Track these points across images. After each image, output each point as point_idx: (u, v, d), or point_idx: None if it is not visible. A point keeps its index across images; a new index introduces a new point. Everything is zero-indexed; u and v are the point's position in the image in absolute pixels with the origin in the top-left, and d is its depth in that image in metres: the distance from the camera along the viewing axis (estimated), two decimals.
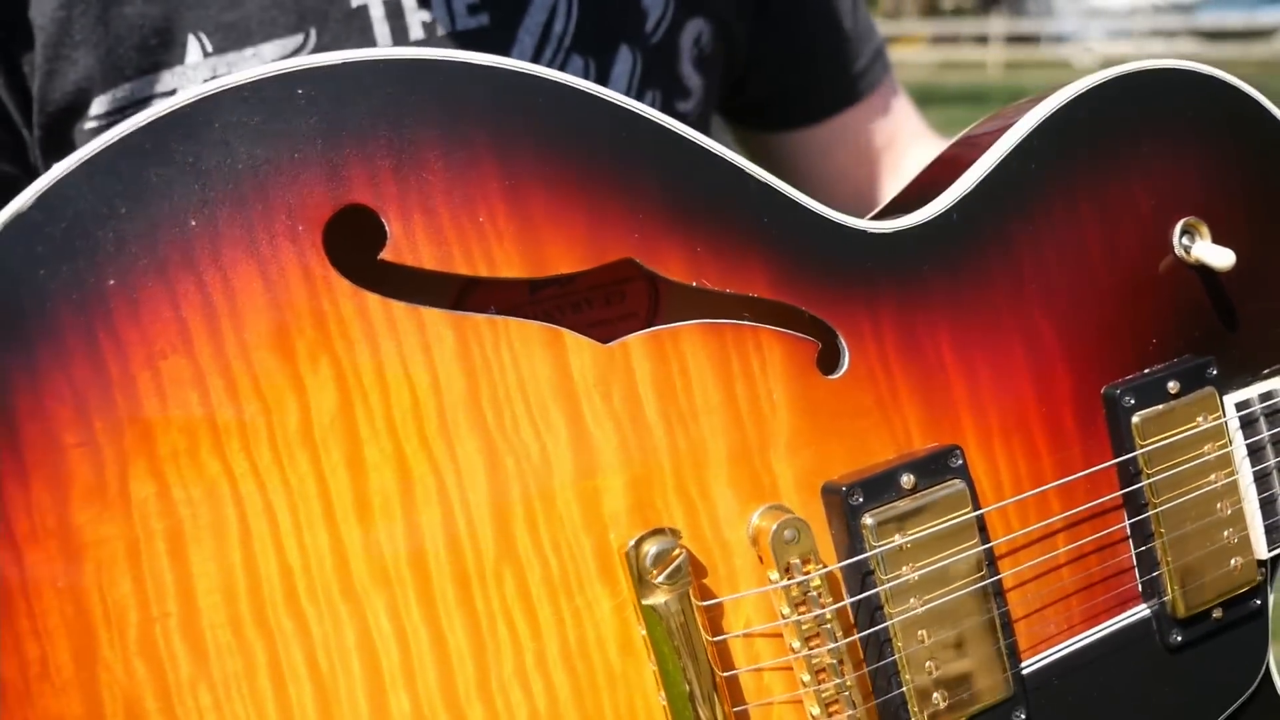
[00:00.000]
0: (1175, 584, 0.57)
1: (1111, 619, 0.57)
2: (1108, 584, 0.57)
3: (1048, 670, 0.56)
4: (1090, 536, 0.57)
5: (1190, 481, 0.58)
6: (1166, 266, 0.59)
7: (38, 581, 0.43)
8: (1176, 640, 0.58)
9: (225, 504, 0.45)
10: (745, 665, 0.50)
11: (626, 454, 0.50)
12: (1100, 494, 0.57)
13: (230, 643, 0.45)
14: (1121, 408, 0.57)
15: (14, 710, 0.42)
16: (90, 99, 0.68)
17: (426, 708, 0.47)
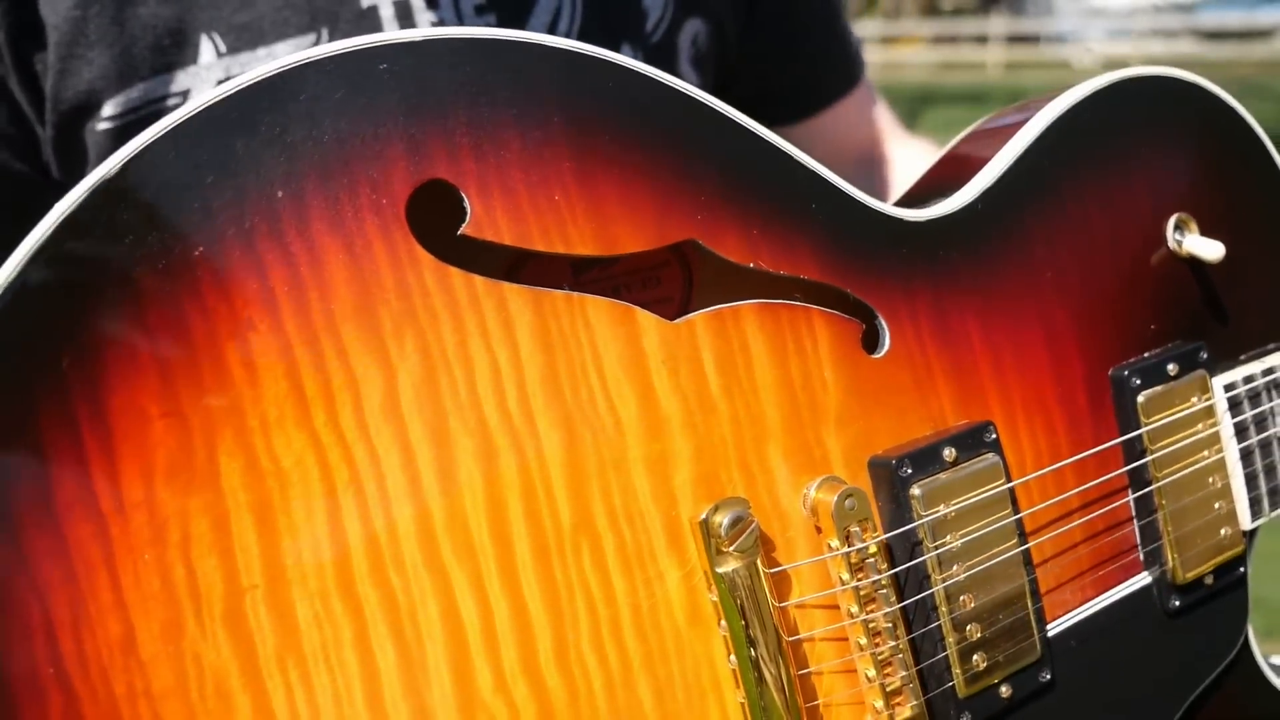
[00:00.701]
0: (1175, 553, 0.61)
1: (1118, 586, 0.60)
2: (1115, 553, 0.60)
3: (1066, 635, 0.58)
4: (1101, 510, 0.58)
5: (1187, 457, 0.61)
6: (1161, 259, 0.63)
7: (124, 555, 0.42)
8: (1175, 605, 0.61)
9: (312, 476, 0.44)
10: (806, 631, 0.51)
11: (693, 427, 0.51)
12: (1109, 469, 0.60)
13: (317, 614, 0.44)
14: (1129, 388, 0.60)
15: (100, 685, 0.41)
16: (104, 99, 0.67)
17: (509, 676, 0.47)
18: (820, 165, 0.54)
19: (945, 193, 0.58)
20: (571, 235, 0.48)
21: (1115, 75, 0.61)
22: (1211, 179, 0.63)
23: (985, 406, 0.56)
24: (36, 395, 0.40)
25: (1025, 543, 0.55)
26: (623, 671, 0.48)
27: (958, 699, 0.53)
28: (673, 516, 0.49)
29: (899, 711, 0.51)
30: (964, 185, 0.58)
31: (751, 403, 0.51)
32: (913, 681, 0.52)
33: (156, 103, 0.68)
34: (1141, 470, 0.59)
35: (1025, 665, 0.55)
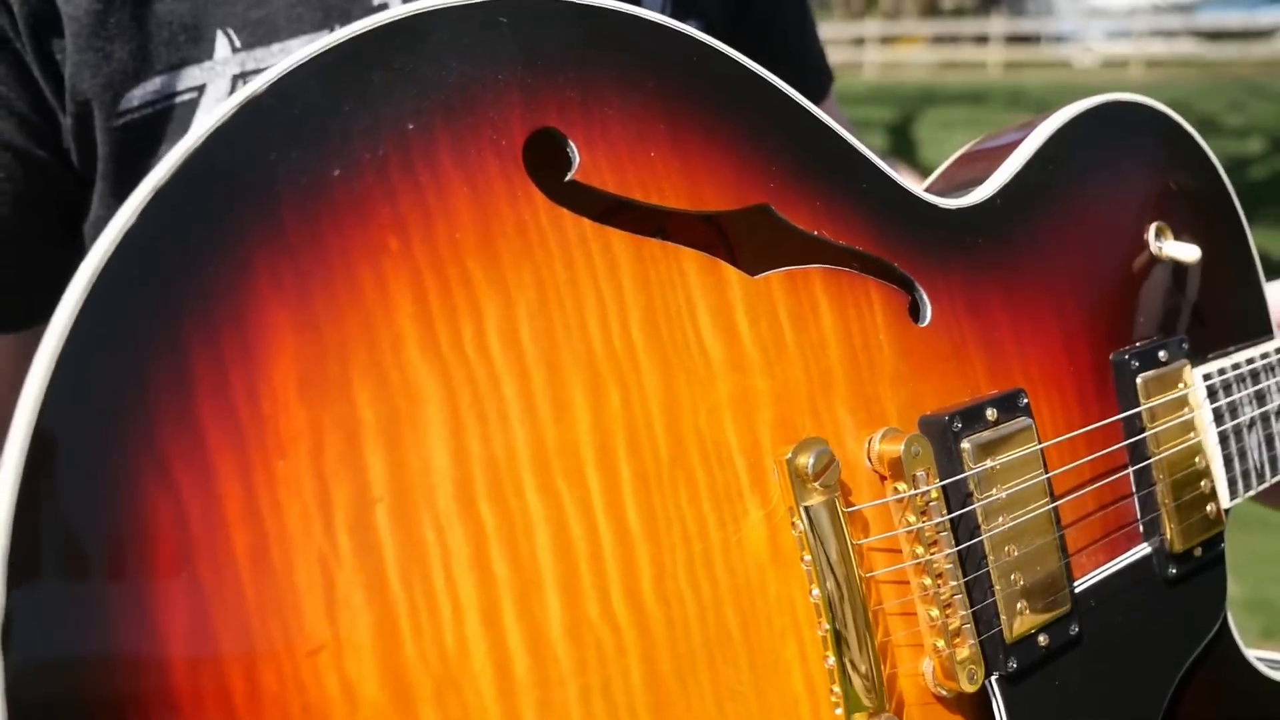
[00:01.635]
0: (1172, 523, 0.65)
1: (1124, 554, 0.64)
2: (1121, 523, 0.63)
3: (1086, 594, 0.61)
4: (1109, 480, 0.62)
5: (1178, 437, 0.66)
6: (1144, 262, 0.70)
7: (258, 463, 0.41)
8: (1172, 573, 0.66)
9: (437, 396, 0.44)
10: (869, 573, 0.53)
11: (771, 376, 0.53)
12: (1114, 442, 0.65)
13: (440, 530, 0.44)
14: (1129, 370, 0.65)
15: (231, 592, 0.40)
16: (121, 93, 0.66)
17: (614, 600, 0.47)
18: (870, 151, 0.59)
19: (965, 189, 0.63)
20: (666, 189, 0.51)
21: (1094, 100, 0.68)
22: (1179, 194, 0.70)
23: (1012, 379, 0.60)
24: (181, 301, 0.40)
25: (1055, 500, 0.59)
26: (714, 603, 0.49)
27: (1005, 645, 0.56)
28: (756, 457, 0.51)
29: (959, 651, 0.54)
30: (982, 183, 0.63)
31: (820, 357, 0.54)
32: (970, 623, 0.54)
33: (171, 97, 0.68)
34: (1141, 445, 0.64)
35: (1059, 617, 0.58)
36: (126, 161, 0.69)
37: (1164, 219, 0.68)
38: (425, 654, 0.42)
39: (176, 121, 0.68)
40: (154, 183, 0.40)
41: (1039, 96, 1.78)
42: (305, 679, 0.40)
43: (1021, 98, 8.07)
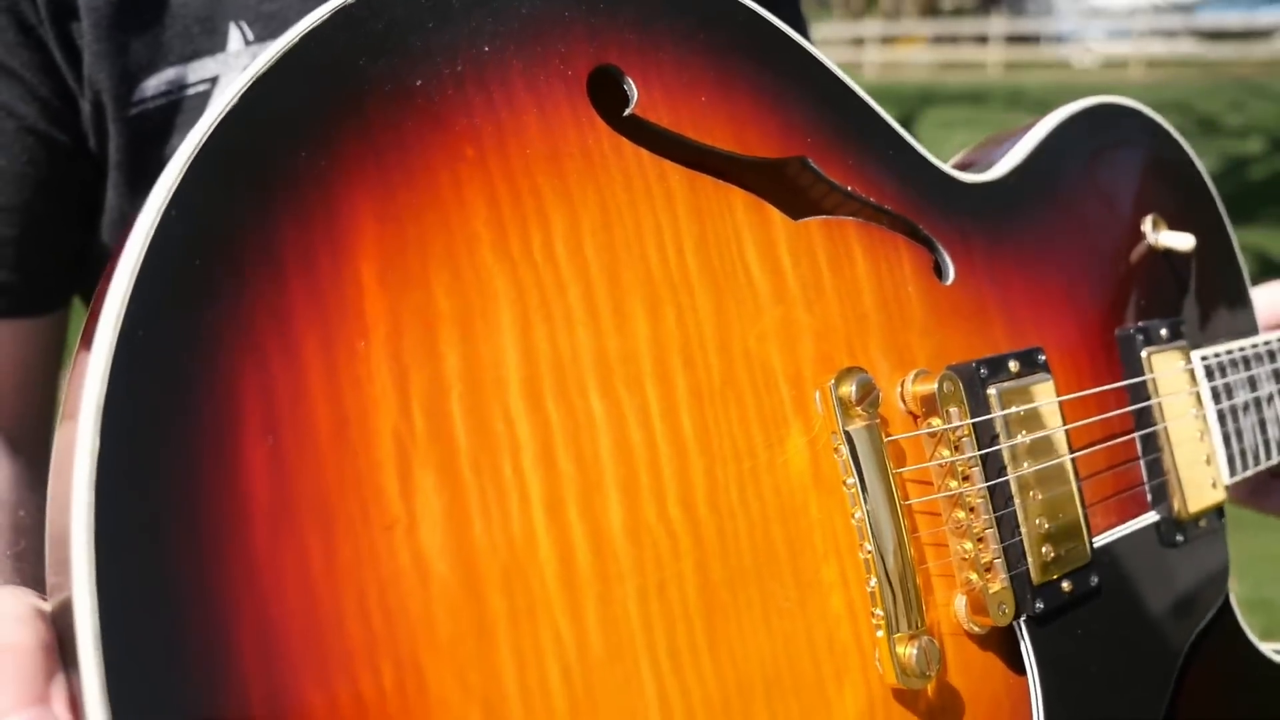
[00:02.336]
0: (1179, 492, 0.67)
1: (1135, 519, 0.65)
2: (1131, 488, 0.65)
3: (1103, 551, 0.63)
4: (1119, 444, 0.65)
5: (1183, 411, 0.69)
6: (1143, 251, 0.73)
7: (341, 342, 0.42)
8: (1179, 540, 0.67)
9: (508, 295, 0.45)
10: (908, 500, 0.54)
11: (811, 312, 0.55)
12: (1125, 415, 0.68)
13: (508, 422, 0.44)
14: (1135, 343, 0.68)
15: (311, 465, 0.40)
16: (136, 83, 0.67)
17: (670, 505, 0.47)
18: (896, 123, 0.62)
19: (978, 170, 0.67)
20: (715, 131, 0.53)
21: (1089, 101, 0.73)
22: (1168, 192, 0.74)
23: (1028, 341, 0.63)
24: (276, 185, 0.41)
25: (1073, 452, 0.61)
26: (762, 520, 0.50)
27: (1033, 586, 0.57)
28: (799, 386, 0.52)
29: (990, 585, 0.55)
30: (994, 165, 0.67)
31: (856, 301, 0.56)
32: (1000, 558, 0.55)
33: (183, 89, 0.68)
34: (1148, 413, 0.66)
35: (1080, 566, 0.59)
36: (140, 151, 0.69)
37: (1157, 212, 0.72)
38: (494, 539, 0.43)
39: (189, 112, 0.69)
40: (255, 71, 0.42)
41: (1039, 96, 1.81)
42: (379, 552, 0.40)
43: (1021, 98, 8.01)
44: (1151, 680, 0.63)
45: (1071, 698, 0.57)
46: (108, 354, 0.37)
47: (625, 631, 0.45)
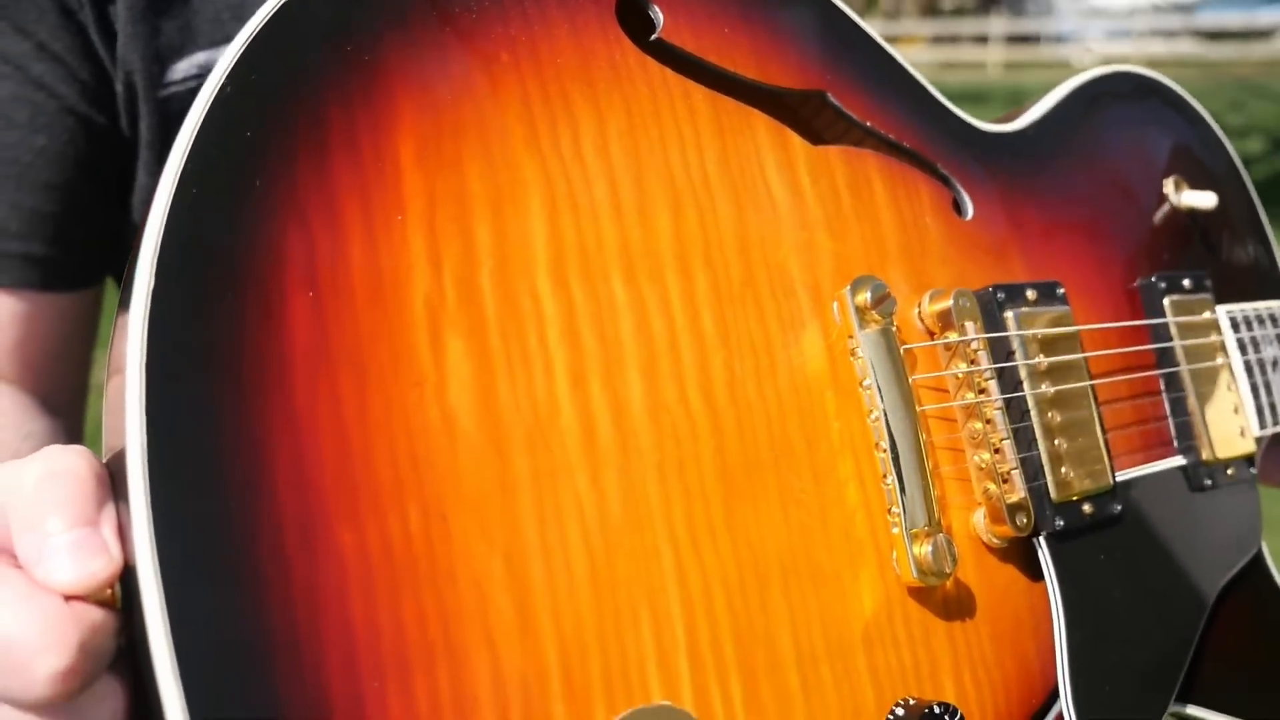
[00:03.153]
0: (1204, 434, 0.67)
1: (1161, 460, 0.65)
2: (1157, 429, 0.65)
3: (1128, 485, 0.63)
4: (1143, 385, 0.65)
5: (1207, 357, 0.69)
6: (1166, 211, 0.74)
7: (379, 211, 0.44)
8: (1208, 484, 0.67)
9: (537, 184, 0.47)
10: (925, 406, 0.55)
11: (830, 231, 0.57)
12: (1146, 355, 0.68)
13: (535, 300, 0.46)
14: (1157, 290, 0.68)
15: (347, 317, 0.43)
16: (166, 65, 0.68)
17: (689, 390, 0.48)
18: (915, 71, 0.64)
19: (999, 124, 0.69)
20: (737, 59, 0.56)
21: (1109, 69, 0.74)
22: (1191, 156, 0.75)
23: (1047, 278, 0.64)
24: (325, 71, 0.44)
25: (1092, 379, 0.61)
26: (779, 414, 0.51)
27: (1052, 503, 0.57)
28: (817, 295, 0.54)
29: (1009, 495, 0.55)
30: (1013, 121, 0.69)
31: (874, 225, 0.57)
32: (1018, 468, 0.56)
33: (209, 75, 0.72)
34: (1170, 354, 0.66)
35: (1101, 491, 0.59)
36: (169, 132, 0.70)
37: (1179, 174, 0.73)
38: (518, 403, 0.44)
39: None
40: None
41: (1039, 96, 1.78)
42: (409, 406, 0.42)
43: (1021, 98, 7.98)
44: (1178, 618, 0.62)
45: (1093, 620, 0.57)
46: (167, 199, 0.39)
47: (644, 503, 0.46)
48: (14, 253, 0.61)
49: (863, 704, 0.49)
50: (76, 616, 0.37)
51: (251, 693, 0.37)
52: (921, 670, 0.52)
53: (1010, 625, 0.55)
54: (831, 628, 0.49)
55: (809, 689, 0.48)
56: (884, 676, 0.50)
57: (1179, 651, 0.60)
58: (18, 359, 0.66)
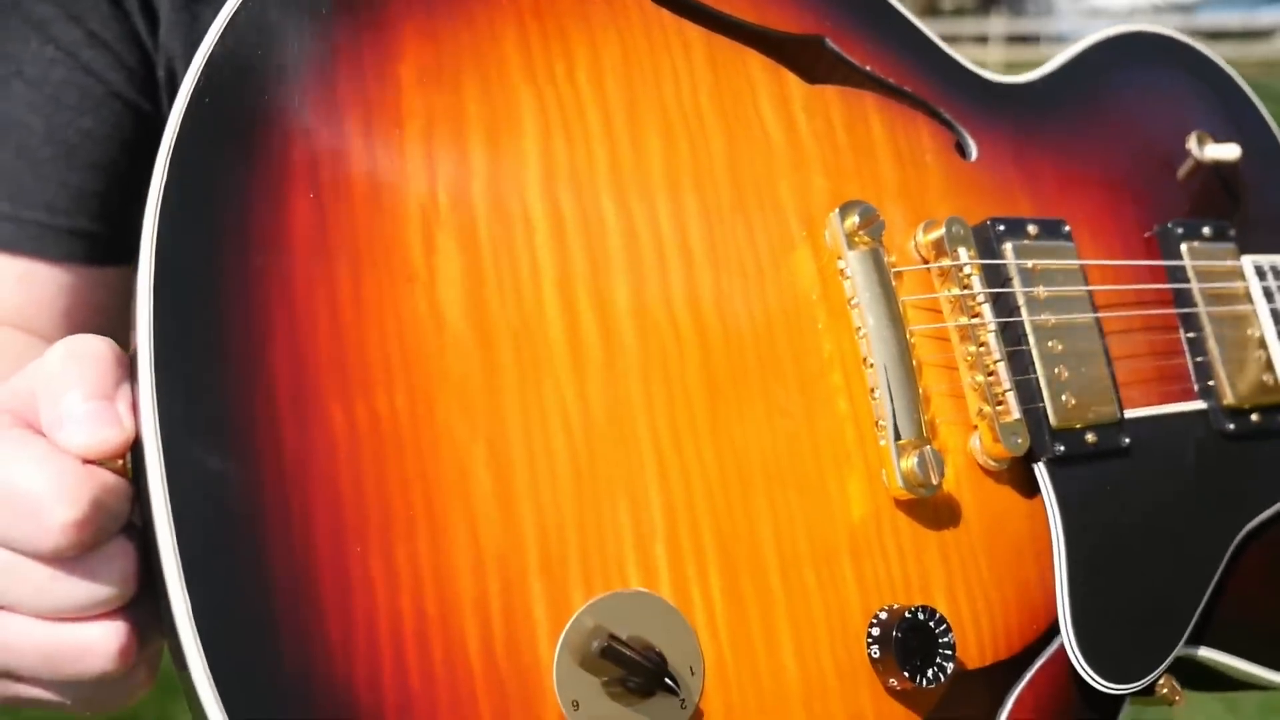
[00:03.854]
0: (1225, 377, 0.64)
1: (1180, 403, 0.64)
2: (1174, 372, 0.63)
3: (1141, 422, 0.60)
4: (1156, 324, 0.64)
5: (1228, 302, 0.67)
6: (1189, 167, 0.73)
7: (380, 125, 0.48)
8: (1230, 429, 0.65)
9: (531, 108, 0.49)
10: (918, 326, 0.55)
11: (824, 163, 0.58)
12: (1162, 293, 0.67)
13: (525, 211, 0.47)
14: (1173, 236, 0.67)
15: (346, 222, 0.46)
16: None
17: (675, 300, 0.49)
18: (923, 25, 0.65)
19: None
20: (735, 3, 0.59)
21: (1127, 27, 0.74)
22: (1215, 110, 0.75)
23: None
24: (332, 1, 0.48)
25: (1097, 313, 0.61)
26: (767, 330, 0.52)
27: (1051, 429, 0.56)
28: (809, 221, 0.55)
29: (1003, 416, 0.55)
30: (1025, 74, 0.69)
31: (871, 160, 0.58)
32: (1013, 390, 0.55)
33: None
34: (1187, 295, 0.66)
35: (1107, 423, 0.58)
36: None
37: (1202, 129, 0.72)
38: (505, 302, 0.47)
39: None
40: None
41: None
42: (400, 298, 0.45)
43: None
44: (1191, 559, 0.61)
45: (1095, 550, 0.56)
46: (183, 105, 0.43)
47: (626, 401, 0.48)
48: (62, 227, 0.65)
49: (848, 610, 0.50)
50: (90, 475, 0.40)
51: (241, 546, 0.40)
52: (912, 585, 0.52)
53: (1010, 550, 0.55)
54: (816, 533, 0.50)
55: (791, 590, 0.49)
56: (871, 586, 0.51)
57: (1191, 593, 0.59)
58: (65, 327, 0.70)
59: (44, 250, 0.65)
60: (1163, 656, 0.56)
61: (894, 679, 0.49)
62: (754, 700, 0.47)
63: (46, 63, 0.64)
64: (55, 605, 0.41)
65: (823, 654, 0.49)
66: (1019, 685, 0.54)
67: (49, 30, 0.64)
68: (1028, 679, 0.54)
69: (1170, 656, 0.56)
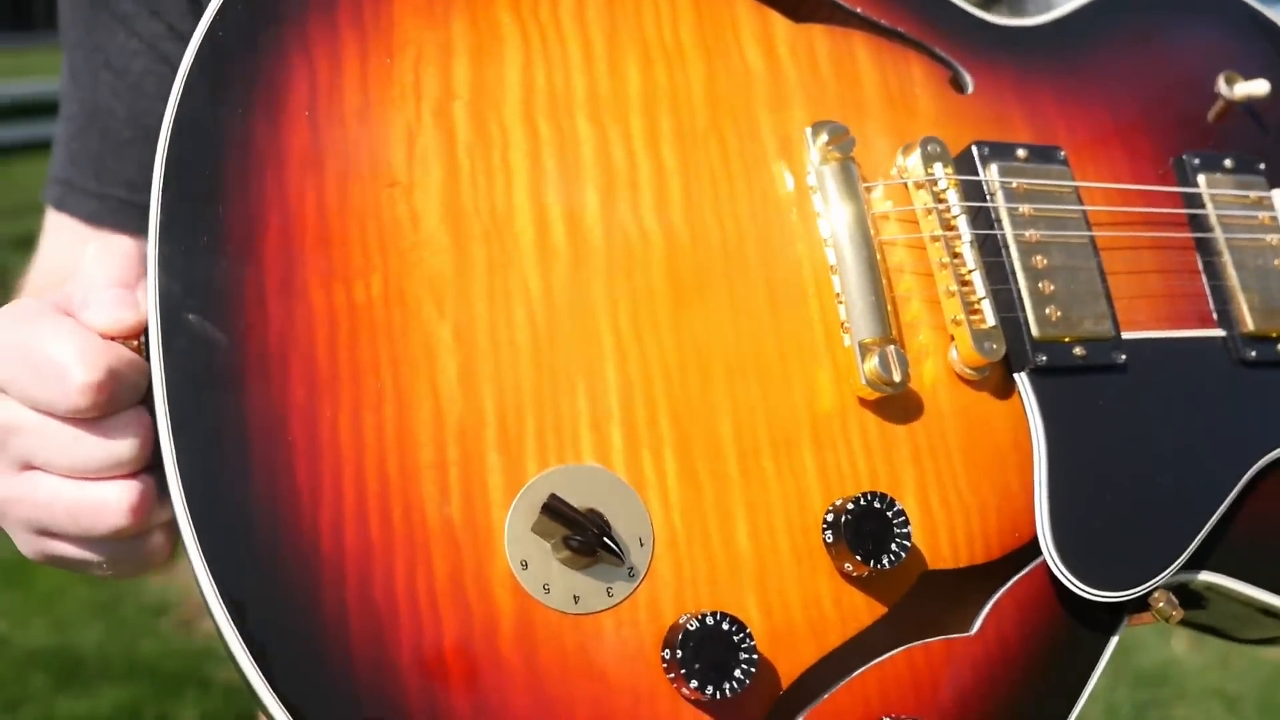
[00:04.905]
0: (1245, 306, 0.61)
1: (1194, 329, 0.62)
2: (1188, 296, 0.60)
3: (1143, 343, 0.58)
4: (1169, 245, 0.62)
5: (1251, 230, 0.65)
6: (1219, 108, 0.71)
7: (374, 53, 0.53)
8: (1251, 356, 0.62)
9: (514, 39, 0.53)
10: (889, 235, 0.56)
11: (807, 95, 0.59)
12: (1177, 219, 0.65)
13: (503, 130, 0.51)
14: (1190, 166, 0.66)
15: (338, 125, 0.52)
16: None
17: (644, 211, 0.52)
18: None
19: None
20: None
21: None
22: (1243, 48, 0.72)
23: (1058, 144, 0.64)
24: None
25: (1092, 230, 0.60)
26: (737, 237, 0.54)
27: (1033, 339, 0.56)
28: (787, 143, 0.57)
29: (976, 323, 0.55)
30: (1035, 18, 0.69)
31: (855, 92, 0.60)
32: (989, 299, 0.55)
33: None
34: (1203, 220, 0.63)
35: (1098, 337, 0.57)
36: None
37: (1231, 69, 0.70)
38: (479, 206, 0.51)
39: None
40: None
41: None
42: (382, 203, 0.50)
43: None
44: (1196, 483, 0.58)
45: (1083, 460, 0.55)
46: (203, 31, 0.50)
47: (589, 296, 0.51)
48: (139, 203, 0.74)
49: (807, 497, 0.51)
50: (108, 347, 0.46)
51: (225, 400, 0.45)
52: (879, 481, 0.52)
53: (990, 457, 0.55)
54: (776, 423, 0.52)
55: (748, 474, 0.50)
56: (833, 477, 0.52)
57: (1193, 516, 0.57)
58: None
59: (124, 224, 0.73)
60: (1155, 571, 0.54)
61: (848, 563, 0.49)
62: (705, 573, 0.49)
63: (130, 54, 0.72)
64: (77, 464, 0.47)
65: (779, 536, 0.50)
66: (999, 592, 0.53)
67: (133, 24, 0.72)
68: (1009, 586, 0.53)
69: (1166, 572, 0.54)
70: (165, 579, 2.65)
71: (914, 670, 0.51)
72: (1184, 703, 2.06)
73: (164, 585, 2.65)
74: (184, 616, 2.54)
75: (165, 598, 2.61)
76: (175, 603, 2.60)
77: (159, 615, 2.58)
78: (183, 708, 0.41)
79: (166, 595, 2.62)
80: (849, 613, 0.50)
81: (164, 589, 2.64)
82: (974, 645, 0.52)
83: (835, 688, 0.49)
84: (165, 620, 2.55)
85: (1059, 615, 0.54)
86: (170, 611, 2.59)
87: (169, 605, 2.60)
